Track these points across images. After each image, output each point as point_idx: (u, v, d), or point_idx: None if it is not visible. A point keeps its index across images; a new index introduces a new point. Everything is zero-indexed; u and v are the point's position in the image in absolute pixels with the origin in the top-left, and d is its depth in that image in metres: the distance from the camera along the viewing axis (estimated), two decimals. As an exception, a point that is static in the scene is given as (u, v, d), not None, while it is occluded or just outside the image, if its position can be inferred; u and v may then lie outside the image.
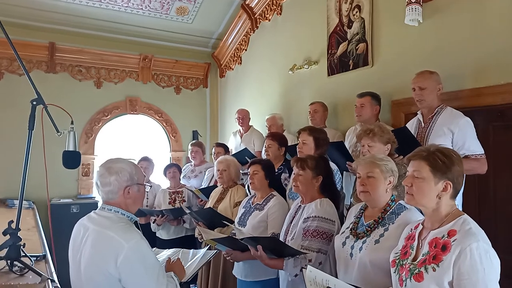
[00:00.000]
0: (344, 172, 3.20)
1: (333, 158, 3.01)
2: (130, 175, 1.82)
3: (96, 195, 5.35)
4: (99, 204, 1.90)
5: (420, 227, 1.63)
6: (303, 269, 1.70)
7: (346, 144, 3.36)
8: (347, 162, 2.86)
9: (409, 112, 3.26)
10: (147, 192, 4.24)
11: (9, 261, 2.01)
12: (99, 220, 1.78)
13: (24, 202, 2.17)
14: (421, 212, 1.89)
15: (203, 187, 4.26)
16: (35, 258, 2.22)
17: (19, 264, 2.02)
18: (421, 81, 2.77)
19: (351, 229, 2.00)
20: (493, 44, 2.76)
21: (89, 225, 1.77)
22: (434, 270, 1.44)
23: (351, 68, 3.95)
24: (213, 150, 4.47)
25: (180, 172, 4.42)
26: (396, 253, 1.66)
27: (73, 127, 2.23)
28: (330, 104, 4.08)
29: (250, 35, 5.83)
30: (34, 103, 2.12)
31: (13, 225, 2.05)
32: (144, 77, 6.29)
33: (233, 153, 4.49)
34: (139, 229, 1.85)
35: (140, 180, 1.87)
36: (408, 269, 1.54)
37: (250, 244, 2.28)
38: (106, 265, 1.65)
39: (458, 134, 2.57)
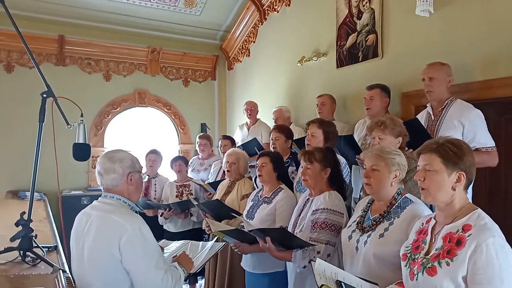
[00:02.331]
0: (353, 165, 3.19)
1: (342, 151, 3.00)
2: (132, 162, 1.93)
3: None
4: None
5: (433, 221, 1.61)
6: (311, 261, 1.70)
7: (355, 136, 3.34)
8: (356, 156, 2.85)
9: (419, 104, 3.23)
10: (155, 184, 4.31)
11: (21, 252, 2.04)
12: (102, 206, 1.87)
13: (35, 194, 2.19)
14: (430, 207, 1.89)
15: (211, 180, 4.26)
16: (46, 249, 2.24)
17: (31, 255, 2.05)
18: (431, 72, 2.74)
19: (357, 223, 2.00)
20: (504, 35, 2.71)
21: (92, 212, 1.86)
22: (448, 264, 1.43)
23: (360, 60, 3.91)
24: (220, 142, 4.47)
25: (187, 165, 4.41)
26: (407, 247, 1.65)
27: (82, 120, 2.24)
28: (339, 97, 4.05)
29: (258, 27, 5.79)
30: (44, 95, 2.13)
31: (25, 217, 2.08)
32: (152, 69, 6.30)
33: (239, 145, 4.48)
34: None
35: (139, 168, 1.98)
36: (420, 263, 1.53)
37: (258, 236, 2.29)
38: (110, 247, 1.72)
39: (469, 127, 2.54)
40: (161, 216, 4.07)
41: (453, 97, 2.72)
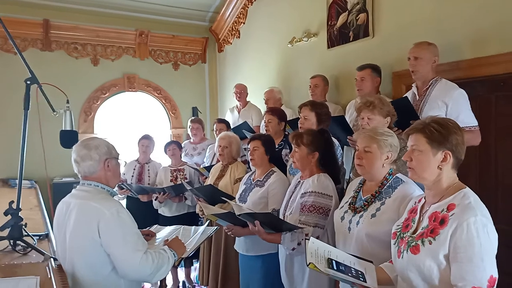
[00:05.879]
0: (345, 146, 3.19)
1: (334, 132, 2.99)
2: (108, 148, 1.96)
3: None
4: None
5: (423, 200, 1.63)
6: (306, 240, 1.71)
7: (347, 117, 3.33)
8: (347, 136, 2.84)
9: (410, 83, 3.20)
10: (148, 170, 4.29)
11: (11, 241, 2.03)
12: (81, 194, 1.91)
13: (26, 181, 2.18)
14: (420, 186, 1.90)
15: (206, 165, 4.25)
16: (37, 237, 2.25)
17: (22, 244, 2.05)
18: (417, 51, 2.73)
19: (349, 204, 2.01)
20: (495, 13, 2.69)
21: (71, 200, 1.90)
22: (430, 243, 1.45)
23: (351, 39, 3.87)
24: (215, 126, 4.43)
25: (180, 149, 4.39)
26: (398, 226, 1.67)
27: (68, 106, 2.21)
28: (331, 77, 4.02)
29: (248, 7, 5.69)
30: (28, 82, 2.09)
31: (14, 205, 2.06)
32: (141, 53, 6.19)
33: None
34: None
35: (116, 155, 2.01)
36: (406, 241, 1.55)
37: (247, 220, 2.30)
38: (90, 231, 1.77)
39: (452, 107, 2.55)
40: (155, 200, 4.06)
41: (438, 77, 2.71)
